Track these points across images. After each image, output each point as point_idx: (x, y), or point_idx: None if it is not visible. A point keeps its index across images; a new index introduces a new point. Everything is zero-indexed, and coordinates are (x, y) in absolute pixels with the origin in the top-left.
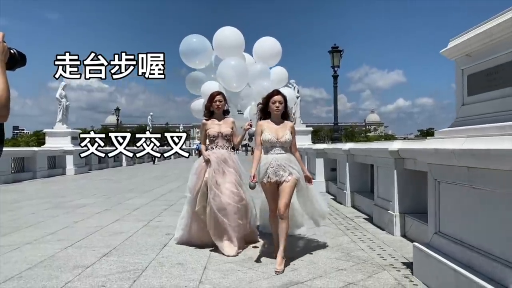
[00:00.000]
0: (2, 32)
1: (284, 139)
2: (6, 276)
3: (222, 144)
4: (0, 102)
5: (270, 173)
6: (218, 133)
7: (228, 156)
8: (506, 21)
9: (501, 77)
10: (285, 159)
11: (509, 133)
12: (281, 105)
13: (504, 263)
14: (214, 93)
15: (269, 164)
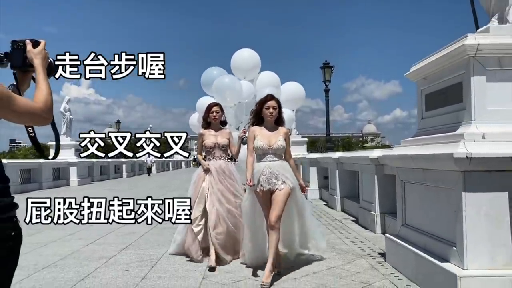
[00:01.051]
0: (44, 40)
1: (276, 146)
2: (44, 265)
3: (219, 155)
4: (46, 106)
5: (263, 181)
6: (215, 144)
7: (226, 166)
8: (450, 52)
9: (448, 96)
10: (278, 166)
11: (452, 141)
12: (275, 111)
13: (446, 242)
14: (211, 104)
15: (261, 172)
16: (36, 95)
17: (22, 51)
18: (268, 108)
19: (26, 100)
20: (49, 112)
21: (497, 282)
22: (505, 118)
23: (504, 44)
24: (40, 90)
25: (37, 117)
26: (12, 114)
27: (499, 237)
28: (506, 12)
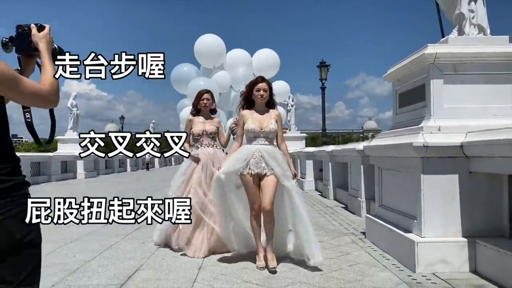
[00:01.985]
0: (49, 25)
1: (268, 129)
2: (71, 239)
3: (207, 142)
4: (53, 88)
5: (252, 164)
6: (203, 131)
7: (214, 153)
8: (415, 58)
9: (414, 95)
10: (269, 152)
11: (414, 133)
12: (265, 93)
13: (409, 217)
14: (202, 91)
15: (251, 155)
16: (42, 78)
17: (27, 35)
18: (258, 90)
19: (33, 82)
20: (56, 94)
21: (446, 247)
22: (458, 114)
23: (458, 53)
24: (46, 73)
25: (43, 99)
26: (19, 95)
27: (450, 211)
28: (463, 25)
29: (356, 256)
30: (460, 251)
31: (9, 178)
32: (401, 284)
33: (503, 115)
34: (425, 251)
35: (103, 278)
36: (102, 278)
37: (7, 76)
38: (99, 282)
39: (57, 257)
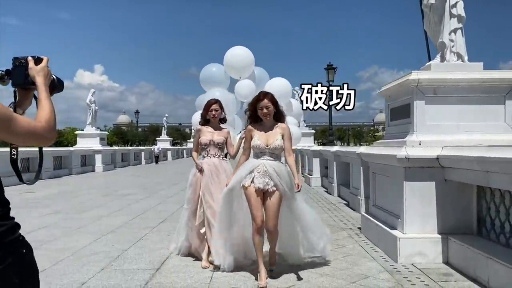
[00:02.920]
0: (47, 57)
1: (274, 146)
2: (107, 231)
3: (214, 153)
4: (49, 125)
5: (256, 177)
6: (210, 141)
7: (219, 164)
8: (402, 82)
9: (401, 112)
10: (274, 167)
11: (400, 146)
12: (269, 110)
13: (395, 216)
14: (211, 101)
15: (255, 168)
16: (38, 114)
17: (23, 68)
18: (261, 108)
19: (27, 119)
20: (52, 131)
21: (423, 242)
22: (436, 130)
23: (437, 79)
24: (43, 109)
25: (39, 137)
26: (12, 135)
27: (428, 212)
28: (445, 52)
29: (350, 248)
30: (435, 245)
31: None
32: (383, 272)
33: (474, 131)
34: (405, 245)
35: (141, 264)
36: (140, 263)
37: (1, 115)
38: (138, 267)
39: (98, 246)
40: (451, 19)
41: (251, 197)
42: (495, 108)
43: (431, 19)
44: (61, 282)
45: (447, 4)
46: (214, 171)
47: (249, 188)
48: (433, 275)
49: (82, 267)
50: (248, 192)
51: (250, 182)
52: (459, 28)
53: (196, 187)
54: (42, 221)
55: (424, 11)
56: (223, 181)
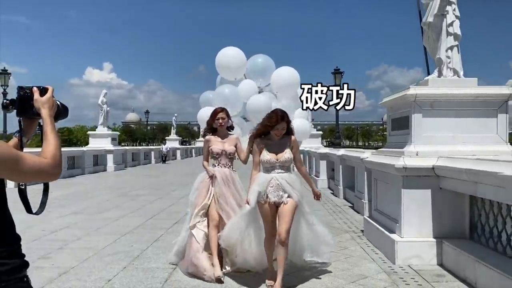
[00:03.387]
0: (52, 87)
1: (283, 159)
2: (126, 231)
3: (225, 163)
4: (55, 161)
5: (269, 192)
6: (222, 151)
7: (230, 175)
8: (401, 96)
9: (401, 123)
10: (286, 178)
11: (399, 156)
12: (283, 130)
13: (393, 220)
14: (217, 109)
15: (268, 183)
16: (43, 149)
17: (29, 99)
18: (277, 129)
19: (33, 158)
20: (57, 167)
21: (419, 245)
22: (433, 141)
23: (433, 93)
24: (48, 144)
25: (45, 174)
26: (20, 175)
27: (424, 218)
28: (442, 68)
29: (352, 250)
30: (430, 249)
31: (5, 262)
32: (381, 272)
33: (468, 142)
34: (403, 248)
35: (160, 263)
36: (158, 263)
37: (7, 157)
38: (157, 265)
39: (118, 246)
40: (448, 37)
41: (265, 212)
42: (488, 121)
43: (429, 36)
44: (90, 279)
45: (444, 23)
46: (226, 180)
47: (264, 205)
48: (427, 276)
49: (106, 265)
50: (262, 209)
51: (266, 197)
52: (455, 46)
53: (202, 192)
54: (63, 221)
55: (423, 28)
56: (234, 191)
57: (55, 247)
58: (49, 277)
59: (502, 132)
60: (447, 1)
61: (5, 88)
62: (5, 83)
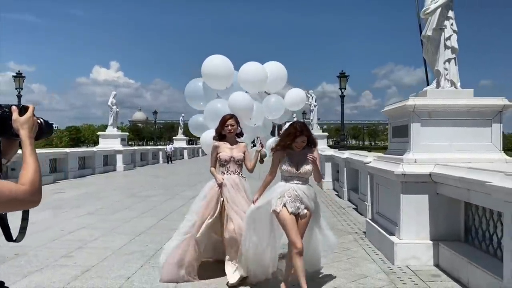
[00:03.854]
0: (33, 106)
1: (304, 171)
2: (139, 232)
3: (234, 169)
4: (34, 188)
5: (287, 202)
6: (230, 158)
7: (240, 182)
8: (400, 106)
9: (401, 131)
10: (304, 190)
11: (398, 162)
12: (304, 143)
13: (393, 223)
14: (226, 116)
15: (286, 192)
16: (22, 174)
17: (7, 119)
18: (297, 142)
19: (9, 185)
20: (36, 194)
21: (417, 247)
22: (430, 149)
23: (431, 104)
24: (27, 169)
25: (22, 203)
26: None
27: (421, 221)
28: (440, 79)
29: (354, 251)
30: (427, 250)
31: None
32: (381, 272)
33: (464, 150)
34: (402, 249)
35: None
36: None
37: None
38: None
39: (134, 246)
40: (446, 50)
41: (286, 221)
42: (483, 130)
43: (429, 49)
44: (110, 276)
45: (442, 36)
46: (235, 186)
47: (282, 212)
48: (423, 276)
49: (124, 264)
50: (282, 217)
51: (282, 207)
52: (453, 58)
53: (211, 202)
54: (79, 221)
55: (423, 41)
56: (245, 197)
57: (75, 247)
58: (73, 275)
59: (496, 140)
60: (445, 17)
61: (19, 90)
62: (19, 86)
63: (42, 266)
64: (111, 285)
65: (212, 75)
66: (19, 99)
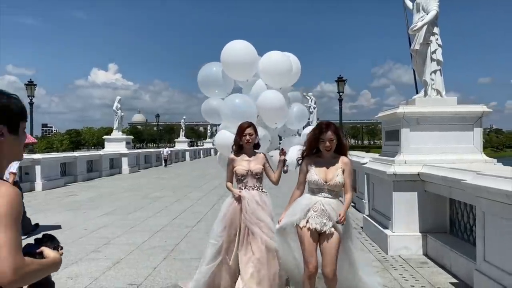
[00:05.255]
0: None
1: (334, 182)
2: (157, 229)
3: (252, 184)
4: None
5: (311, 217)
6: (247, 172)
7: (260, 199)
8: (391, 113)
9: (393, 135)
10: (333, 206)
11: (390, 164)
12: (332, 143)
13: (386, 218)
14: (244, 125)
15: (311, 206)
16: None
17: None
18: (323, 141)
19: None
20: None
21: (407, 238)
22: (419, 151)
23: (419, 111)
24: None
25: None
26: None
27: (411, 216)
28: (427, 89)
29: None
30: (417, 241)
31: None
32: (375, 261)
33: (449, 152)
34: (394, 241)
35: (193, 254)
36: (192, 254)
37: None
38: (191, 256)
39: (154, 241)
40: (432, 63)
41: (304, 239)
42: (466, 134)
43: (417, 61)
44: (139, 266)
45: (428, 50)
46: (254, 203)
47: (303, 228)
48: (413, 263)
49: (148, 257)
50: (302, 233)
51: (305, 222)
52: (438, 70)
53: (234, 219)
54: (100, 221)
55: (412, 54)
56: (265, 216)
57: (101, 243)
58: (106, 266)
59: (477, 143)
60: (431, 32)
61: (31, 98)
62: (31, 93)
63: (76, 259)
64: (141, 273)
65: (233, 64)
66: (31, 106)
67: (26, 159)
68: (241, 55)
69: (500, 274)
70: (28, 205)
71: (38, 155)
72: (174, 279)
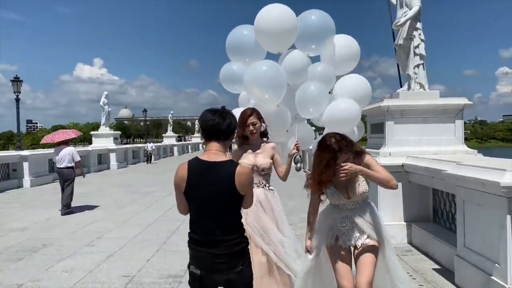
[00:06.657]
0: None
1: (359, 193)
2: (148, 223)
3: (258, 181)
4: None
5: (341, 235)
6: (253, 167)
7: (265, 198)
8: (377, 107)
9: (377, 128)
10: (362, 215)
11: (375, 156)
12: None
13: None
14: (246, 112)
15: (338, 222)
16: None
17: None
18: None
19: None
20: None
21: (393, 227)
22: (403, 143)
23: (403, 105)
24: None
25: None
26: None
27: (397, 206)
28: (410, 82)
29: None
30: (402, 230)
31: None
32: None
33: (432, 144)
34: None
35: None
36: (183, 246)
37: None
38: (183, 249)
39: (146, 235)
40: (415, 57)
41: (336, 259)
42: (447, 126)
43: (400, 55)
44: (132, 259)
45: (412, 45)
46: (259, 205)
47: (333, 248)
48: (398, 251)
49: (141, 250)
50: (332, 254)
51: (334, 241)
52: (421, 64)
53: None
54: (92, 216)
55: (396, 48)
56: (268, 221)
57: (94, 237)
58: (100, 259)
59: (459, 134)
60: (414, 27)
61: (17, 94)
62: (17, 89)
63: (71, 253)
64: (134, 266)
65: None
66: (17, 102)
67: (13, 155)
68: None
69: (479, 258)
70: (17, 202)
71: (25, 151)
72: (167, 271)
